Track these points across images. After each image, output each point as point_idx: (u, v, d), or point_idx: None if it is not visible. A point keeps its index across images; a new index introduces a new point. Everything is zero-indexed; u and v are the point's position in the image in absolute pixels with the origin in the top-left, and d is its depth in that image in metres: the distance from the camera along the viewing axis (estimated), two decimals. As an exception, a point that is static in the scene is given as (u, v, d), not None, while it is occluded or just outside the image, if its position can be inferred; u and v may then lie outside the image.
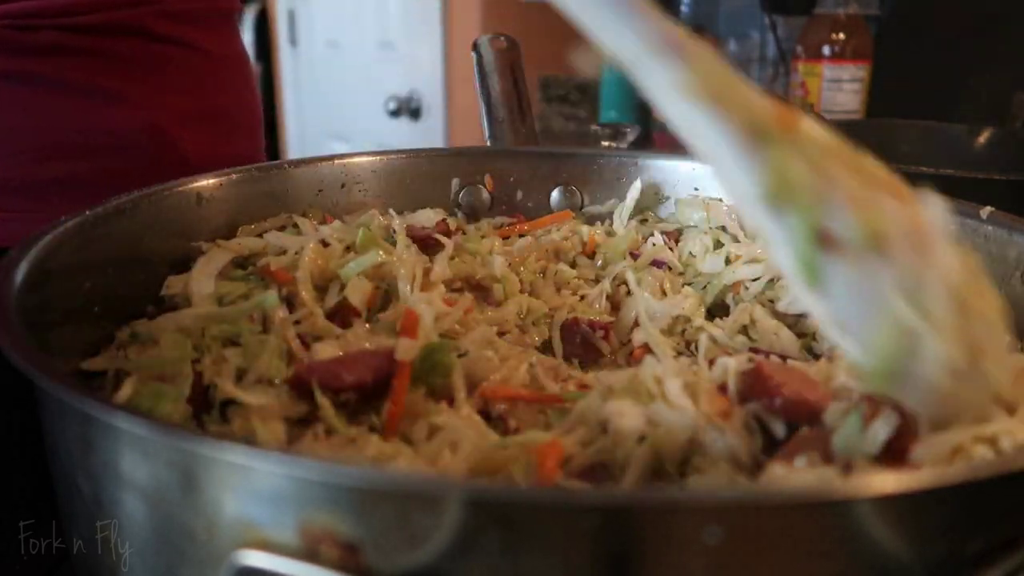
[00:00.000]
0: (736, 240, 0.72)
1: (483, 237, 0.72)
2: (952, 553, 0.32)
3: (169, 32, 0.91)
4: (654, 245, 0.71)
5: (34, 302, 0.45)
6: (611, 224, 0.78)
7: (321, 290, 0.57)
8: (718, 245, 0.71)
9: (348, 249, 0.63)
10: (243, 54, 1.07)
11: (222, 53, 0.99)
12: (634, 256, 0.70)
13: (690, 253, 0.70)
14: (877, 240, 0.29)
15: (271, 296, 0.53)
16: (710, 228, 0.73)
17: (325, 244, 0.63)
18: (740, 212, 0.73)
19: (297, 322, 0.53)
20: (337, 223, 0.71)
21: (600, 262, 0.72)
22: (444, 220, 0.74)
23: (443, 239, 0.65)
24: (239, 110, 1.03)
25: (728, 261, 0.67)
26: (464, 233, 0.74)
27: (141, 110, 0.87)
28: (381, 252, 0.60)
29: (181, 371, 0.48)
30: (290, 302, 0.56)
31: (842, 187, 0.30)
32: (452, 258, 0.63)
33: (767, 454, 0.39)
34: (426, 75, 2.55)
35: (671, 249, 0.71)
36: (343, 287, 0.57)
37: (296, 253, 0.60)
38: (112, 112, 0.85)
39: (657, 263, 0.70)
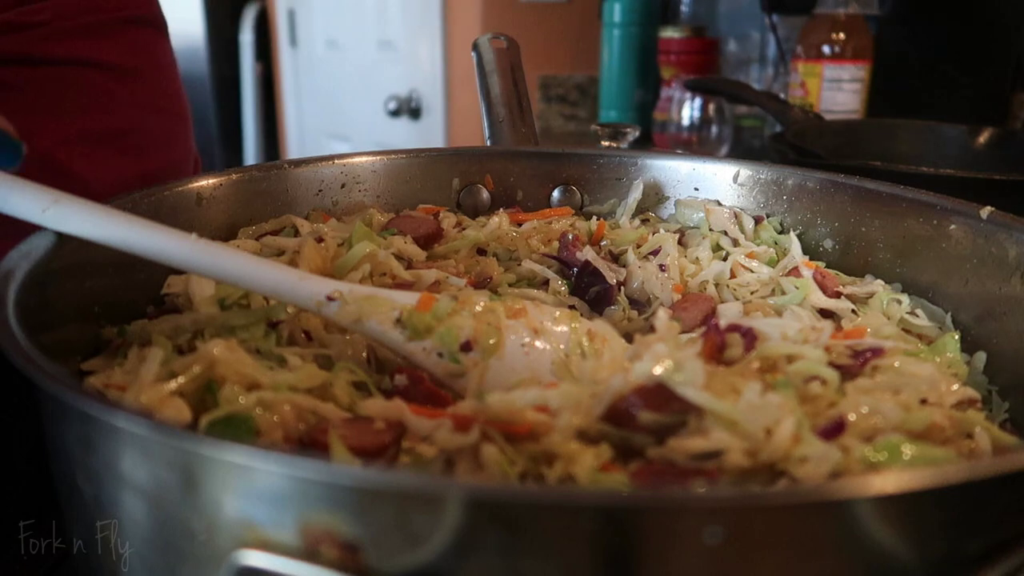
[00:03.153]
0: (736, 244, 0.72)
1: (482, 227, 0.73)
2: (952, 553, 0.32)
3: (59, 53, 0.83)
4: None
5: (34, 302, 0.45)
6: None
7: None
8: (717, 248, 0.72)
9: (342, 246, 0.64)
10: (162, 62, 0.97)
11: (131, 65, 0.91)
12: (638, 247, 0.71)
13: (696, 258, 0.70)
14: (494, 348, 0.51)
15: (279, 306, 0.54)
16: (711, 231, 0.73)
17: (320, 241, 0.63)
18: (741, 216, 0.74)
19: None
20: (333, 221, 0.72)
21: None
22: (436, 213, 0.75)
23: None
24: (154, 123, 0.94)
25: (733, 274, 0.67)
26: (464, 227, 0.75)
27: (41, 143, 0.78)
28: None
29: None
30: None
31: (468, 323, 0.51)
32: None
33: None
34: (426, 75, 2.55)
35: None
36: None
37: (295, 253, 0.61)
38: None
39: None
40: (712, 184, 0.78)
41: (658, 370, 0.42)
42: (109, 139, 0.87)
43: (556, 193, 0.82)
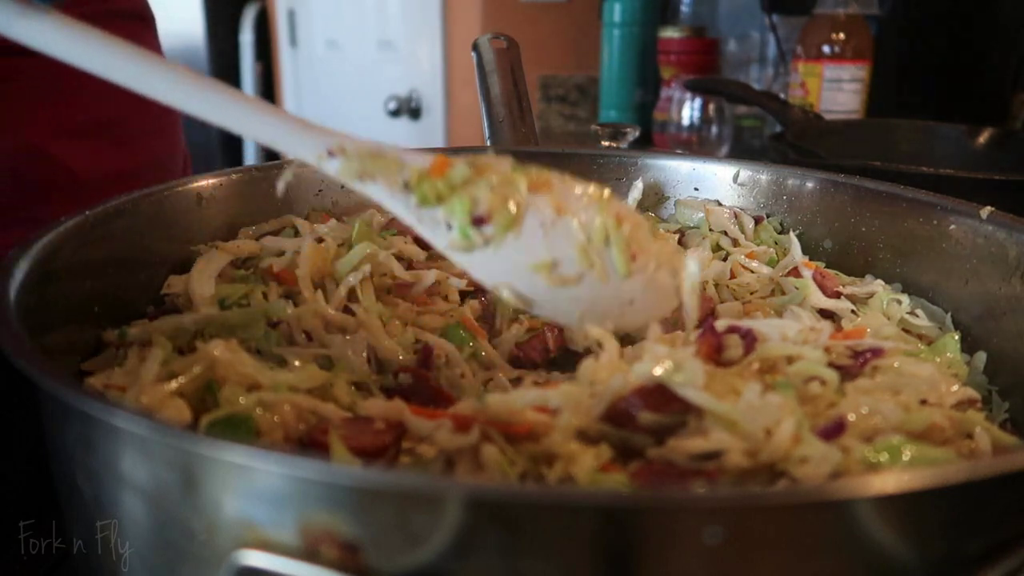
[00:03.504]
0: (736, 244, 0.72)
1: None
2: (952, 553, 0.32)
3: None
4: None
5: (34, 302, 0.45)
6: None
7: (317, 287, 0.58)
8: (717, 248, 0.71)
9: (342, 246, 0.64)
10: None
11: None
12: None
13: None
14: (511, 224, 0.46)
15: (279, 303, 0.54)
16: (711, 231, 0.73)
17: (320, 241, 0.63)
18: (741, 217, 0.74)
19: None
20: (333, 221, 0.72)
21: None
22: None
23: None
24: (142, 114, 0.95)
25: (733, 274, 0.67)
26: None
27: (10, 131, 0.78)
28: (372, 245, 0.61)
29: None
30: (292, 300, 0.56)
31: (485, 195, 0.46)
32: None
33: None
34: (426, 75, 2.55)
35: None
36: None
37: (295, 253, 0.61)
38: None
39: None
40: (712, 184, 0.78)
41: (658, 371, 0.42)
42: (97, 130, 0.87)
43: (556, 193, 0.82)
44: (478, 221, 0.46)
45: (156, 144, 0.98)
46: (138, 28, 0.97)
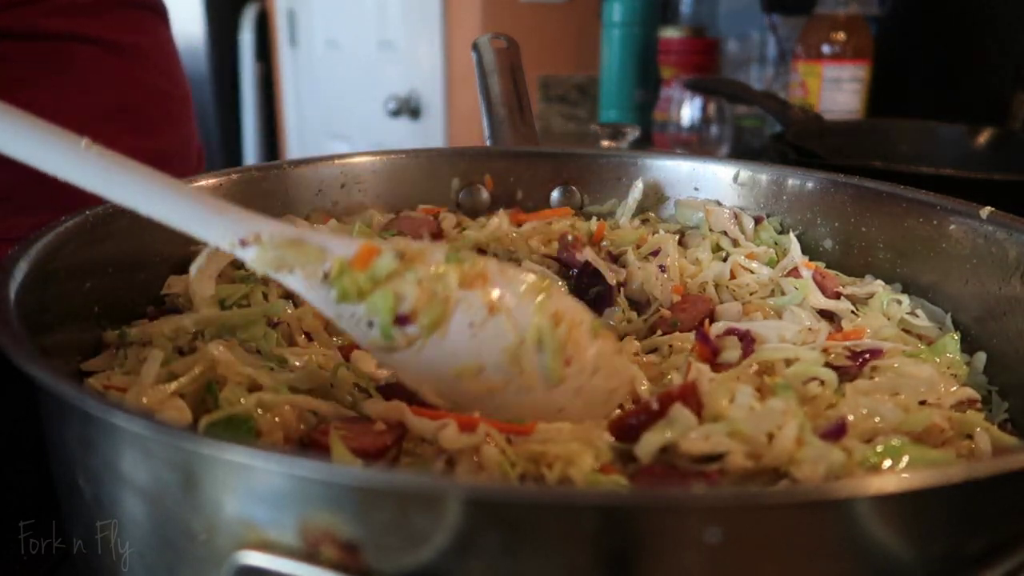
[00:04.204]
0: (736, 244, 0.72)
1: (482, 227, 0.73)
2: (952, 553, 0.32)
3: (63, 28, 0.85)
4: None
5: (34, 302, 0.45)
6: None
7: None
8: (717, 249, 0.71)
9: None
10: (160, 42, 0.99)
11: (131, 43, 0.93)
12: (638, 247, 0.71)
13: (696, 258, 0.70)
14: (437, 324, 0.43)
15: (279, 303, 0.54)
16: (711, 231, 0.73)
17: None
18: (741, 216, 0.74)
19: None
20: (333, 222, 0.72)
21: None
22: (436, 213, 0.75)
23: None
24: (157, 101, 0.97)
25: (733, 275, 0.67)
26: (464, 228, 0.75)
27: (41, 115, 0.83)
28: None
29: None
30: (292, 300, 0.56)
31: (411, 291, 0.43)
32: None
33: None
34: (426, 75, 2.55)
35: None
36: None
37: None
38: None
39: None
40: (712, 184, 0.78)
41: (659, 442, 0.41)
42: (117, 116, 0.89)
43: (556, 193, 0.82)
44: (402, 320, 0.43)
45: (171, 133, 1.00)
46: (150, 20, 0.99)
